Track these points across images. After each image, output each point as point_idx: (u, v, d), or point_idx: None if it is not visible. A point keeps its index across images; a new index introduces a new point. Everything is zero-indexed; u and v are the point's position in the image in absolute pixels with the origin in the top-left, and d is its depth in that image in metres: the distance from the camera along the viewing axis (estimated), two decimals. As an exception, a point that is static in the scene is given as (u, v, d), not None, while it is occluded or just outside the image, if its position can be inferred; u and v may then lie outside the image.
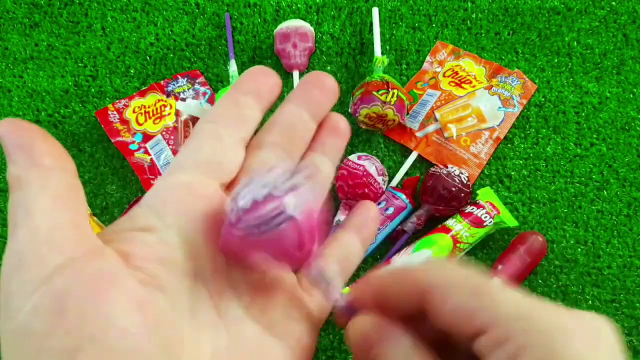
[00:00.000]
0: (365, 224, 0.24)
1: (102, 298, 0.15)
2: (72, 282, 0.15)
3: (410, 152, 0.59)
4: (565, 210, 0.57)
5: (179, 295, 0.18)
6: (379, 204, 0.55)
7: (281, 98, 0.23)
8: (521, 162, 0.59)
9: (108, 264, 0.16)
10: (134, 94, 0.61)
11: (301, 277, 0.23)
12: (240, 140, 0.22)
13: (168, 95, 0.61)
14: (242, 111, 0.22)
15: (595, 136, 0.60)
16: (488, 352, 0.16)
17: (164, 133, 0.59)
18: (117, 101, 0.61)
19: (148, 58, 0.64)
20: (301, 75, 0.62)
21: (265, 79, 0.23)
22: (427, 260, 0.20)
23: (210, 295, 0.19)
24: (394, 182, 0.57)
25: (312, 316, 0.22)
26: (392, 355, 0.18)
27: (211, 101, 0.61)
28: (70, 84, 0.63)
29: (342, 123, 0.25)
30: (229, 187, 0.21)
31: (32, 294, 0.15)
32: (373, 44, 0.62)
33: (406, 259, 0.51)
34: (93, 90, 0.62)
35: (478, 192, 0.56)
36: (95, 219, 0.54)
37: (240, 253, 0.19)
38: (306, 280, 0.22)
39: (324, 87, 0.23)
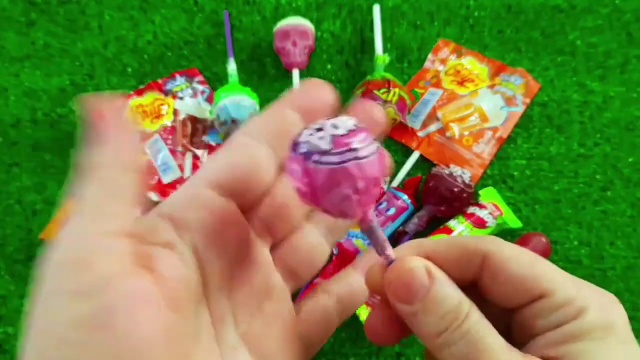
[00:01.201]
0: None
1: (136, 320, 0.15)
2: (114, 299, 0.15)
3: (411, 151, 0.58)
4: (569, 211, 0.56)
5: (191, 319, 0.18)
6: (380, 204, 0.54)
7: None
8: (524, 161, 0.58)
9: (143, 283, 0.16)
10: (131, 92, 0.60)
11: (299, 306, 0.22)
12: (272, 159, 0.20)
13: (166, 94, 0.61)
14: (285, 128, 0.20)
15: (599, 136, 0.59)
16: (544, 316, 0.18)
17: (162, 132, 0.58)
18: (114, 100, 0.60)
19: (145, 56, 0.63)
20: (301, 73, 0.61)
21: (321, 95, 0.21)
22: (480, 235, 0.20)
23: (211, 320, 0.19)
24: (395, 182, 0.57)
25: (307, 346, 0.22)
26: (444, 292, 0.18)
27: (209, 100, 0.61)
28: (67, 82, 0.62)
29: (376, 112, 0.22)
30: (249, 208, 0.21)
31: (79, 302, 0.15)
32: (374, 42, 0.61)
33: None
34: (90, 88, 0.62)
35: (480, 192, 0.55)
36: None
37: (324, 194, 0.17)
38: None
39: (318, 99, 0.21)
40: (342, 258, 0.53)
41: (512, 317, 0.19)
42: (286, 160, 0.18)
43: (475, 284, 0.19)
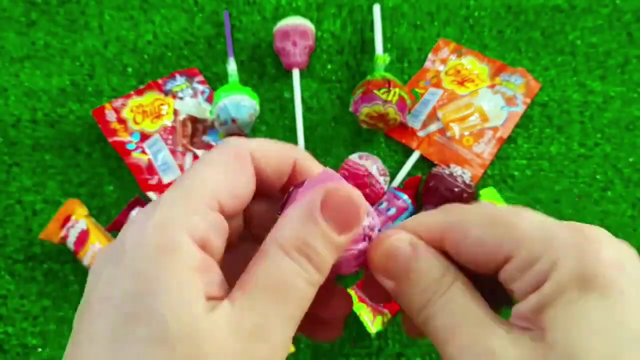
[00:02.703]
0: None
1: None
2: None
3: (411, 151, 0.58)
4: (569, 211, 0.56)
5: None
6: (380, 204, 0.54)
7: (281, 97, 0.22)
8: (524, 161, 0.58)
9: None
10: (131, 92, 0.60)
11: None
12: None
13: (166, 94, 0.61)
14: None
15: (599, 136, 0.59)
16: (516, 278, 0.16)
17: (162, 132, 0.58)
18: (114, 100, 0.60)
19: (145, 56, 0.63)
20: (301, 73, 0.61)
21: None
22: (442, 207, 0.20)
23: None
24: (396, 182, 0.57)
25: None
26: (425, 268, 0.18)
27: (209, 100, 0.61)
28: (67, 82, 0.62)
29: None
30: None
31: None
32: (374, 42, 0.61)
33: None
34: (90, 89, 0.62)
35: (480, 192, 0.55)
36: (92, 219, 0.53)
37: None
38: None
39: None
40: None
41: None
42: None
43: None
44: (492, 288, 0.18)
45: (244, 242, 0.22)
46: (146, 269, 0.16)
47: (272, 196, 0.22)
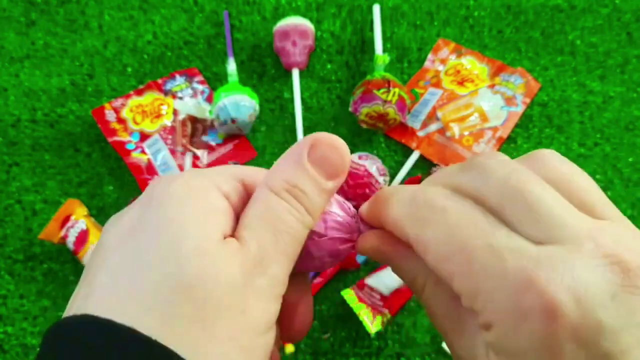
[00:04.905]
0: None
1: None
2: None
3: (411, 151, 0.58)
4: (569, 211, 0.56)
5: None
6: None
7: (281, 97, 0.22)
8: (524, 161, 0.58)
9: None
10: (131, 92, 0.60)
11: None
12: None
13: (165, 94, 0.61)
14: None
15: (599, 136, 0.59)
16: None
17: (162, 132, 0.58)
18: (114, 100, 0.60)
19: (145, 56, 0.63)
20: (301, 73, 0.61)
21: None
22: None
23: None
24: (395, 182, 0.57)
25: None
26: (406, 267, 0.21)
27: (209, 100, 0.61)
28: (67, 82, 0.62)
29: None
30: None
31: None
32: (374, 42, 0.61)
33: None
34: (89, 88, 0.62)
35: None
36: (91, 219, 0.53)
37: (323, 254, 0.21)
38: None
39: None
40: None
41: None
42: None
43: None
44: None
45: None
46: (173, 206, 0.17)
47: None
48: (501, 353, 0.16)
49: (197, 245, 0.17)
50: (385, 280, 0.50)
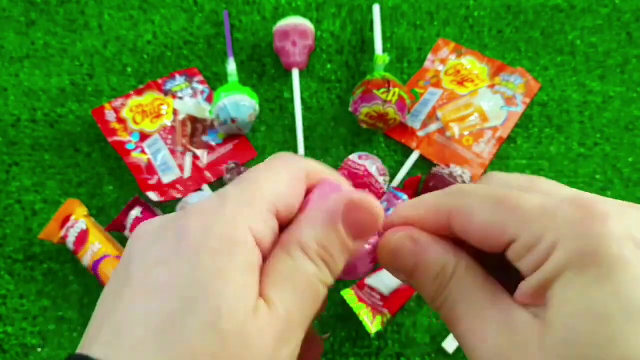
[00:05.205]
0: None
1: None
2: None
3: (411, 151, 0.58)
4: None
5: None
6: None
7: (281, 97, 0.22)
8: (524, 161, 0.58)
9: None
10: (131, 92, 0.60)
11: None
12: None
13: (165, 94, 0.61)
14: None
15: (598, 135, 0.59)
16: (521, 257, 0.16)
17: (162, 132, 0.58)
18: (114, 100, 0.60)
19: (145, 56, 0.63)
20: (301, 73, 0.61)
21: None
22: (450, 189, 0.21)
23: None
24: (395, 182, 0.57)
25: None
26: (433, 261, 0.19)
27: (209, 100, 0.61)
28: (67, 82, 0.62)
29: None
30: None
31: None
32: (374, 42, 0.61)
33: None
34: (89, 88, 0.62)
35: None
36: (91, 219, 0.53)
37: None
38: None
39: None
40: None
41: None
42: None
43: None
44: (504, 264, 0.18)
45: None
46: (209, 260, 0.16)
47: None
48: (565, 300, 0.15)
49: (238, 322, 0.16)
50: (385, 280, 0.50)
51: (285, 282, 0.18)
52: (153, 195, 0.55)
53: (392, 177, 0.57)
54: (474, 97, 0.59)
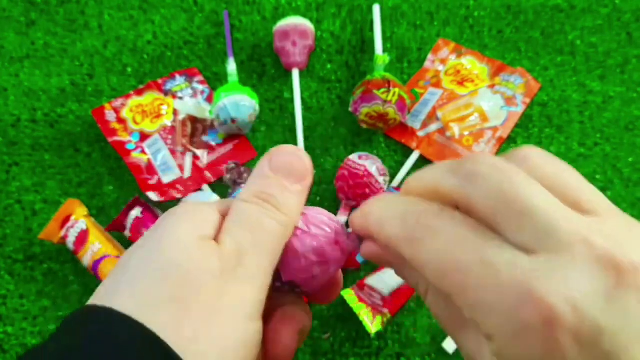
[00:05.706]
0: None
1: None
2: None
3: (411, 151, 0.58)
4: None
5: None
6: (380, 204, 0.54)
7: (280, 97, 0.23)
8: (524, 161, 0.58)
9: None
10: (131, 92, 0.60)
11: None
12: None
13: (165, 94, 0.61)
14: None
15: (598, 135, 0.59)
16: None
17: (162, 132, 0.58)
18: (114, 100, 0.60)
19: (145, 56, 0.63)
20: (301, 73, 0.61)
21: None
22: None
23: None
24: (395, 182, 0.57)
25: None
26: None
27: (209, 100, 0.61)
28: (67, 82, 0.62)
29: None
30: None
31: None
32: (374, 42, 0.61)
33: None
34: (89, 88, 0.62)
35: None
36: (91, 219, 0.53)
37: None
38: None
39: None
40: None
41: None
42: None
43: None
44: None
45: None
46: (172, 217, 0.20)
47: None
48: None
49: (177, 239, 0.18)
50: (386, 280, 0.50)
51: (233, 224, 0.20)
52: (153, 195, 0.55)
53: (392, 177, 0.57)
54: (474, 97, 0.59)
